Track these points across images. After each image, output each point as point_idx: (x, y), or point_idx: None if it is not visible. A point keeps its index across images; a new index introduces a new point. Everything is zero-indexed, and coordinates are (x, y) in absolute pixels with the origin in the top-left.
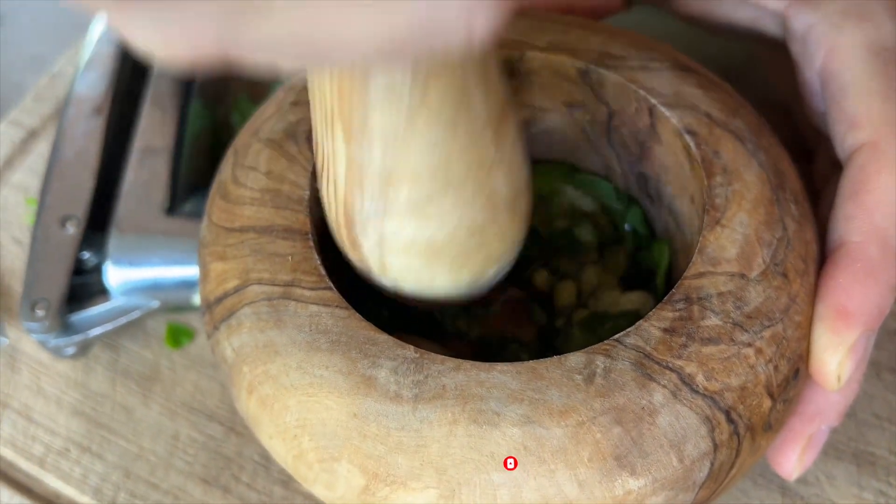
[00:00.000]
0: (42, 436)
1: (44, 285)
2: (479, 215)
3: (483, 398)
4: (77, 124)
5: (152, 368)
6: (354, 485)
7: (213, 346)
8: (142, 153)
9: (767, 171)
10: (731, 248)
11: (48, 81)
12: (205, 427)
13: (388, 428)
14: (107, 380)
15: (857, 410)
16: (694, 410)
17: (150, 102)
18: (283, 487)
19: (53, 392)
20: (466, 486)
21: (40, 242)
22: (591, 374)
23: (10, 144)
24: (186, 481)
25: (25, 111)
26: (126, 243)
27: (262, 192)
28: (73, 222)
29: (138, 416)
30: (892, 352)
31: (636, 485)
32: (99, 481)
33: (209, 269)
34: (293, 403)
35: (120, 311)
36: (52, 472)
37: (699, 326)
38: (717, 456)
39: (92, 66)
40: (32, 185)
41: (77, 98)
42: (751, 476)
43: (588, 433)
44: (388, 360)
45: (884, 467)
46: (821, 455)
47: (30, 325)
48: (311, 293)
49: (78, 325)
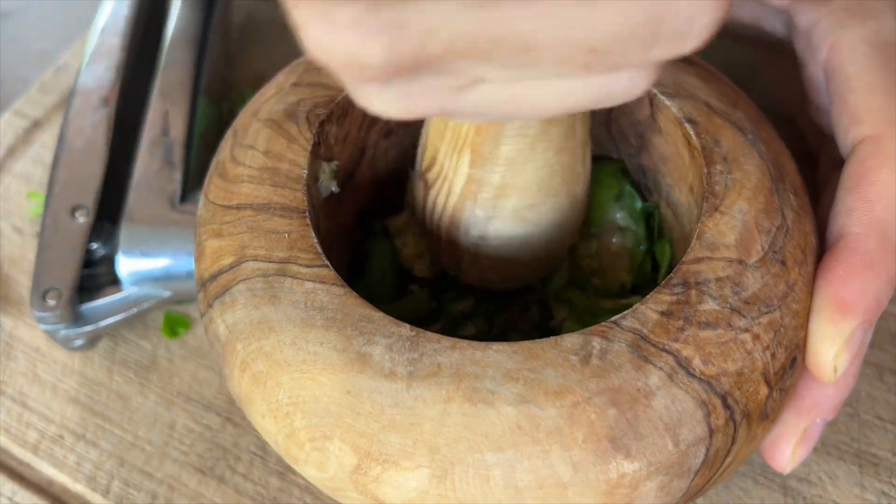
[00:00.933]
0: (37, 422)
1: (54, 274)
2: (566, 215)
3: (478, 377)
4: (84, 115)
5: (150, 358)
6: (346, 464)
7: (206, 324)
8: (151, 144)
9: (767, 162)
10: (729, 234)
11: (53, 74)
12: (202, 417)
13: (381, 405)
14: (104, 368)
15: (860, 411)
16: (690, 394)
17: (159, 94)
18: (279, 479)
19: (49, 379)
20: (459, 465)
21: (50, 232)
22: (587, 354)
23: (14, 134)
24: (181, 471)
25: (30, 102)
26: (137, 234)
27: (261, 170)
28: (82, 212)
29: (134, 405)
30: (893, 354)
31: (630, 468)
32: (93, 469)
33: (205, 246)
34: (286, 380)
35: (131, 302)
36: (46, 459)
37: (696, 310)
38: (712, 442)
39: (98, 57)
40: (35, 175)
41: (83, 89)
42: (752, 475)
43: (583, 414)
44: (383, 338)
45: (886, 468)
46: (823, 455)
47: (41, 314)
48: (308, 270)
49: (89, 316)
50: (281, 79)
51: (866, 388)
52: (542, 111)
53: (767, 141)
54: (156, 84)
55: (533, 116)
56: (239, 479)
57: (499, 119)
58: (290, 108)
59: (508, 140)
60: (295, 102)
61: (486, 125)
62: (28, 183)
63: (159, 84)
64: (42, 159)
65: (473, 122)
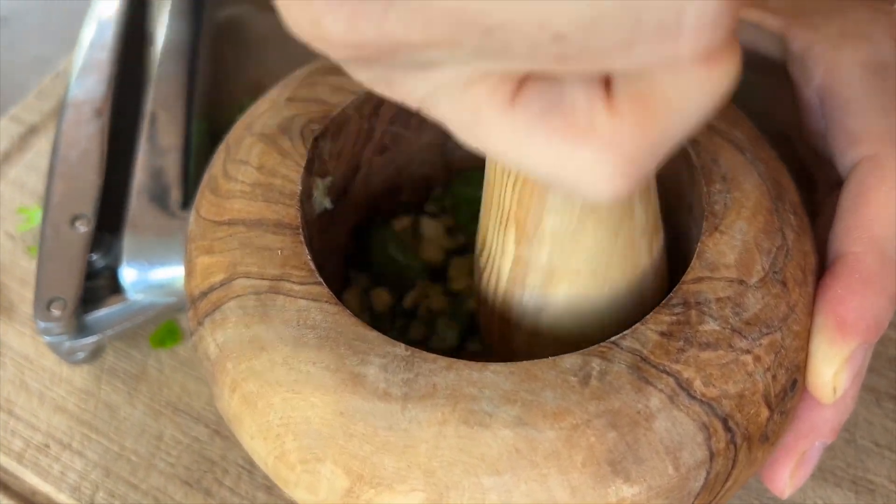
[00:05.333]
0: (22, 431)
1: (58, 284)
2: (630, 313)
3: (475, 398)
4: (78, 126)
5: (139, 368)
6: (338, 487)
7: (196, 342)
8: (149, 154)
9: (766, 182)
10: (729, 254)
11: (51, 80)
12: (190, 429)
13: (375, 427)
14: (92, 377)
15: (857, 437)
16: (691, 417)
17: (153, 104)
18: (266, 493)
19: (37, 387)
20: (455, 489)
21: (50, 242)
22: (586, 375)
23: (9, 140)
24: (168, 483)
25: (27, 108)
26: (141, 242)
27: (253, 185)
28: (82, 221)
29: (122, 415)
30: (891, 379)
31: (630, 492)
32: (77, 479)
33: (195, 263)
34: (277, 401)
35: (136, 311)
36: (30, 467)
37: (697, 331)
38: (713, 465)
39: (87, 71)
40: (29, 182)
41: (75, 101)
42: (748, 499)
43: (582, 436)
44: (377, 357)
45: (883, 495)
46: (819, 481)
47: (46, 325)
48: (301, 287)
49: (93, 326)
50: (275, 93)
51: (863, 413)
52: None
53: (766, 161)
54: (149, 95)
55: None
56: (226, 493)
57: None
58: (285, 122)
59: (552, 211)
60: (289, 117)
61: (528, 197)
62: (23, 189)
63: (153, 95)
64: (37, 166)
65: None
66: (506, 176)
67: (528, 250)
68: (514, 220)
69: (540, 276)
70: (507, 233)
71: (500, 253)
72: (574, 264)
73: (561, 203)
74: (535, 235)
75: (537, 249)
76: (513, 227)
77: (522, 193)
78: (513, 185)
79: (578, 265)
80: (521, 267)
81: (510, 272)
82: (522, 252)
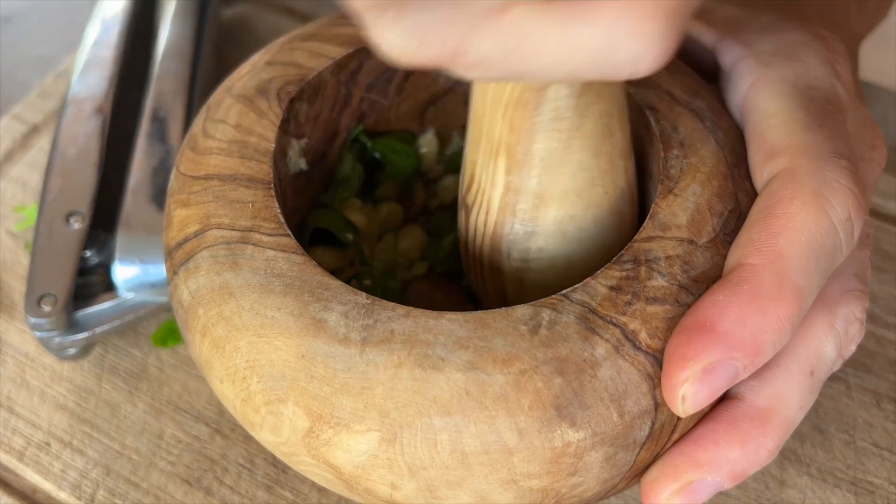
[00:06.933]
0: (23, 429)
1: (50, 280)
2: (608, 234)
3: (430, 343)
4: (77, 123)
5: (140, 366)
6: (299, 427)
7: (171, 291)
8: (147, 153)
9: (724, 149)
10: (681, 214)
11: (53, 79)
12: (190, 427)
13: (334, 369)
14: (93, 375)
15: (857, 439)
16: (636, 366)
17: (154, 103)
18: (266, 492)
19: (38, 385)
20: (408, 429)
21: (44, 238)
22: (536, 325)
23: (11, 139)
24: (168, 481)
25: (29, 107)
26: (134, 241)
27: (230, 143)
28: (77, 218)
29: (123, 414)
30: (892, 381)
31: (576, 437)
32: (78, 477)
33: (172, 216)
34: (244, 344)
35: (127, 308)
36: (31, 465)
37: (645, 286)
38: (658, 415)
39: (90, 69)
40: (31, 180)
41: (76, 98)
42: (746, 501)
43: (530, 381)
44: (339, 305)
45: (882, 497)
46: (818, 482)
47: (36, 321)
48: (269, 239)
49: (84, 322)
50: (256, 57)
51: (863, 415)
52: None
53: (726, 130)
54: (150, 94)
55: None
56: (226, 491)
57: (503, 75)
58: (262, 84)
59: (542, 136)
60: (267, 79)
61: (519, 122)
62: (25, 187)
63: (154, 94)
64: (39, 165)
65: (480, 80)
66: (497, 105)
67: (519, 177)
68: (504, 149)
69: (530, 200)
70: (497, 163)
71: (491, 185)
72: (561, 185)
73: (549, 125)
74: (525, 161)
75: (527, 175)
76: (503, 157)
77: (514, 118)
78: (503, 113)
79: (566, 185)
80: (512, 195)
81: (500, 202)
82: (513, 181)
